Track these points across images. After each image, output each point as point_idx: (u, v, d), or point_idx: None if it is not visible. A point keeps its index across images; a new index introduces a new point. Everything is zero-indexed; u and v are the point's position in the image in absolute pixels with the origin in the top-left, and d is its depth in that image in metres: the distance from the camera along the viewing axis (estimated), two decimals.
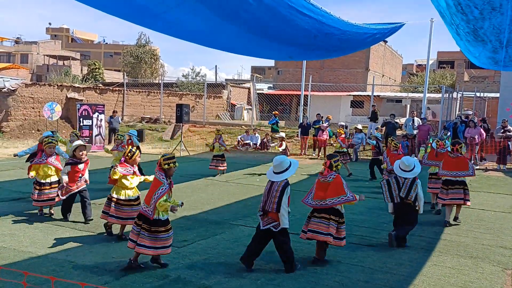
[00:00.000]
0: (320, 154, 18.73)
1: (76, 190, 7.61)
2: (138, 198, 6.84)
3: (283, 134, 13.75)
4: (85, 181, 7.76)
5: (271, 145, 14.34)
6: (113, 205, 6.65)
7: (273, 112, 21.61)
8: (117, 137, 10.61)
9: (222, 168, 13.30)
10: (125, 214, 6.69)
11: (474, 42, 7.46)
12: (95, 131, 19.11)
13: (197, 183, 11.98)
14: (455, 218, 8.34)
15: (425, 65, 23.69)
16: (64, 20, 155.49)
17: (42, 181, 7.87)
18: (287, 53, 11.74)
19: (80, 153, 7.61)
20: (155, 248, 5.43)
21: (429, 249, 6.74)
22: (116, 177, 6.58)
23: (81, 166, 7.65)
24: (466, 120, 17.81)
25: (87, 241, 6.65)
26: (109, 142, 20.87)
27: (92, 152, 18.27)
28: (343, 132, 14.18)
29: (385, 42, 44.98)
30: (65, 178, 7.51)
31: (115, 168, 6.58)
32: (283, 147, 13.09)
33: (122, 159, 6.74)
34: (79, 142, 7.98)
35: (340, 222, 5.98)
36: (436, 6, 6.20)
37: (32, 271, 5.35)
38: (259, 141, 20.70)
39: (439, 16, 6.53)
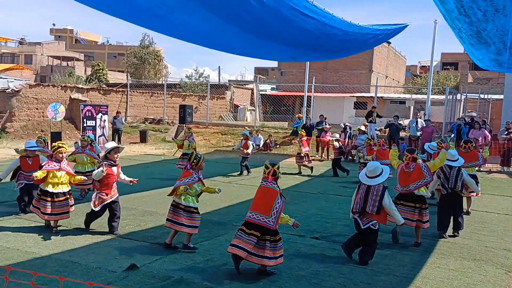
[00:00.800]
0: (323, 155, 18.71)
1: (110, 201, 7.00)
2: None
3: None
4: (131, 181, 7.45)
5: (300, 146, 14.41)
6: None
7: (297, 115, 21.37)
8: (84, 138, 9.72)
9: None
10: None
11: (477, 44, 7.45)
12: (98, 131, 19.15)
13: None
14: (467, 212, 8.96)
15: (428, 66, 23.64)
16: (68, 21, 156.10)
17: (54, 190, 7.03)
18: (290, 54, 11.77)
19: (115, 155, 7.04)
20: (276, 258, 5.43)
21: (432, 251, 6.72)
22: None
23: (114, 169, 7.08)
24: (471, 121, 17.77)
25: (90, 241, 6.67)
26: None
27: None
28: (304, 135, 14.80)
29: (389, 43, 44.92)
30: (82, 177, 7.43)
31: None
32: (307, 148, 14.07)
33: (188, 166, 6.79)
34: (113, 143, 7.34)
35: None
36: (439, 10, 6.22)
37: (36, 271, 5.37)
38: (262, 143, 20.69)
39: (443, 18, 6.55)
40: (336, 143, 14.15)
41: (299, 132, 15.26)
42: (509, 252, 6.79)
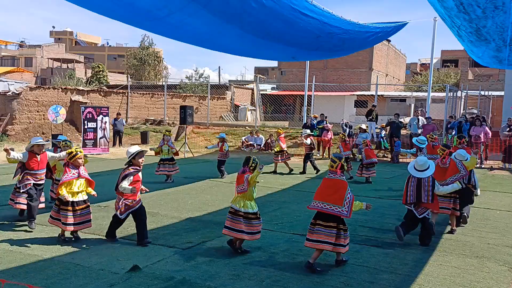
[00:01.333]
0: (324, 154, 18.71)
1: (137, 206, 6.67)
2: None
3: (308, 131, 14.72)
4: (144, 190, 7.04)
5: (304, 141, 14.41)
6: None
7: (313, 115, 20.52)
8: (66, 143, 8.83)
9: (174, 173, 12.15)
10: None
11: (477, 42, 7.44)
12: (99, 133, 19.17)
13: (201, 185, 11.99)
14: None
15: (429, 64, 23.63)
16: (68, 23, 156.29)
17: (74, 199, 6.69)
18: (290, 54, 11.76)
19: (140, 160, 6.74)
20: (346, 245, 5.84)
21: (434, 249, 6.72)
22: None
23: (140, 174, 6.78)
24: (475, 117, 17.70)
25: (92, 243, 6.68)
26: (114, 144, 20.96)
27: (97, 154, 18.35)
28: (282, 132, 14.81)
29: (389, 41, 44.89)
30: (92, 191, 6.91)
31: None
32: (309, 141, 14.15)
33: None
34: (136, 147, 6.95)
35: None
36: (436, 10, 6.21)
37: (38, 274, 5.38)
38: (263, 142, 20.70)
39: (441, 18, 6.54)
40: (306, 140, 14.17)
41: (277, 130, 15.26)
42: (511, 249, 6.79)
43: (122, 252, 6.25)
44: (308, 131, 15.17)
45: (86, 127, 19.00)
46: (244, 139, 21.05)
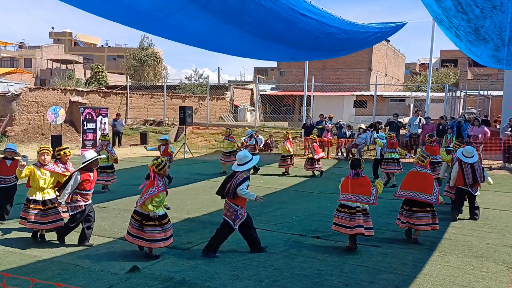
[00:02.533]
0: (324, 154, 18.71)
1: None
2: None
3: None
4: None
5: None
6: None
7: (329, 115, 20.01)
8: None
9: (110, 182, 10.83)
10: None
11: (475, 41, 7.45)
12: (99, 134, 19.15)
13: (200, 185, 12.00)
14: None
15: (428, 64, 23.64)
16: (67, 24, 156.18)
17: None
18: (289, 54, 11.77)
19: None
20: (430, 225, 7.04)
21: (433, 248, 6.73)
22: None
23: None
24: (485, 118, 17.68)
25: (91, 244, 6.67)
26: (113, 145, 20.95)
27: None
28: (290, 136, 14.55)
29: (388, 41, 44.91)
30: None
31: None
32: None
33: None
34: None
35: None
36: (431, 12, 6.22)
37: (38, 274, 5.39)
38: (262, 143, 20.68)
39: (436, 22, 6.55)
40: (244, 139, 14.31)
41: (311, 136, 14.35)
42: (511, 249, 6.79)
43: (122, 253, 6.26)
44: (251, 131, 14.77)
45: (85, 128, 18.99)
46: (244, 139, 21.03)
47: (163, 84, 31.15)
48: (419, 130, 17.86)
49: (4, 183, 7.97)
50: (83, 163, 6.49)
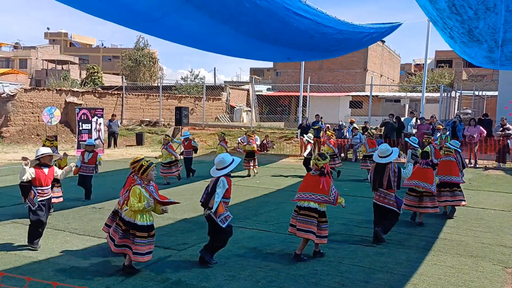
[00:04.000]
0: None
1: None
2: None
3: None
4: None
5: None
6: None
7: (351, 120, 19.71)
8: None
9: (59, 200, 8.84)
10: None
11: (469, 42, 7.50)
12: (94, 135, 19.11)
13: (197, 185, 11.98)
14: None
15: (423, 64, 23.72)
16: (63, 25, 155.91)
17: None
18: (284, 55, 11.79)
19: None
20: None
21: (428, 248, 6.75)
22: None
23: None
24: (483, 118, 17.72)
25: (87, 245, 6.67)
26: (109, 146, 20.90)
27: None
28: (333, 136, 14.55)
29: (383, 42, 45.03)
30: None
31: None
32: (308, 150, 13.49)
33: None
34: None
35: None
36: (426, 13, 6.25)
37: (33, 276, 5.37)
38: (258, 143, 20.67)
39: (431, 22, 6.59)
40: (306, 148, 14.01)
41: (327, 132, 14.51)
42: (506, 248, 6.83)
43: (117, 254, 6.23)
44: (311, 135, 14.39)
45: (80, 128, 18.95)
46: (240, 140, 21.02)
47: (159, 84, 31.13)
48: (414, 130, 17.93)
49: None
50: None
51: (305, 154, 13.54)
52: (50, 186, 6.64)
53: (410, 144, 10.56)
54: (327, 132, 14.73)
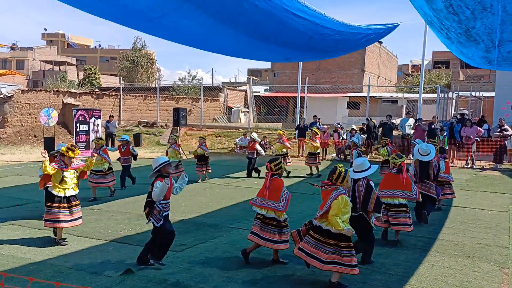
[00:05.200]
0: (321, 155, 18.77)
1: None
2: None
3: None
4: None
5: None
6: None
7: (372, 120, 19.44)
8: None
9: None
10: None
11: (466, 42, 7.52)
12: (92, 136, 19.07)
13: (195, 187, 11.98)
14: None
15: (420, 65, 23.78)
16: (60, 26, 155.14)
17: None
18: (283, 55, 11.80)
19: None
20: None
21: (426, 249, 6.77)
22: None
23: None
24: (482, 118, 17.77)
25: (85, 246, 6.66)
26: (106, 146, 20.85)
27: (90, 157, 18.24)
28: (319, 133, 14.57)
29: (380, 43, 45.12)
30: None
31: None
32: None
33: None
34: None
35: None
36: (423, 15, 6.27)
37: (32, 277, 5.35)
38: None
39: (428, 24, 6.61)
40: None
41: (314, 129, 14.69)
42: (503, 249, 6.85)
43: (115, 255, 6.24)
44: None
45: (78, 129, 18.91)
46: (238, 140, 21.04)
47: (157, 85, 31.10)
48: (411, 131, 17.95)
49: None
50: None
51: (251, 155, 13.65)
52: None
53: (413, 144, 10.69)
54: (280, 131, 14.95)
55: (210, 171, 13.17)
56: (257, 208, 5.96)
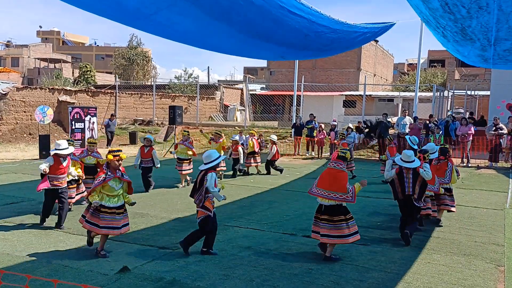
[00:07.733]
0: (313, 153, 18.77)
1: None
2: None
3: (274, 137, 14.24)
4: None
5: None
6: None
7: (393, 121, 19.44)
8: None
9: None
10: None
11: (462, 41, 7.54)
12: (87, 134, 18.99)
13: (191, 185, 11.95)
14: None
15: (416, 64, 23.84)
16: (55, 23, 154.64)
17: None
18: (279, 53, 11.76)
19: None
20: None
21: (422, 247, 6.79)
22: None
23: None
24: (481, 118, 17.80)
25: (81, 244, 6.63)
26: (108, 144, 20.82)
27: None
28: (255, 133, 14.67)
29: (376, 41, 45.17)
30: None
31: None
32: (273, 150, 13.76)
33: None
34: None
35: None
36: (419, 13, 6.28)
37: (29, 275, 5.33)
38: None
39: (424, 22, 6.62)
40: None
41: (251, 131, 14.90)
42: (498, 247, 6.88)
43: (111, 253, 6.22)
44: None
45: (73, 127, 18.81)
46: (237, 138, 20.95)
47: (153, 83, 31.03)
48: (407, 130, 17.99)
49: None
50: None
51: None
52: None
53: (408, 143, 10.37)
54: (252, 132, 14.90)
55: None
56: None
